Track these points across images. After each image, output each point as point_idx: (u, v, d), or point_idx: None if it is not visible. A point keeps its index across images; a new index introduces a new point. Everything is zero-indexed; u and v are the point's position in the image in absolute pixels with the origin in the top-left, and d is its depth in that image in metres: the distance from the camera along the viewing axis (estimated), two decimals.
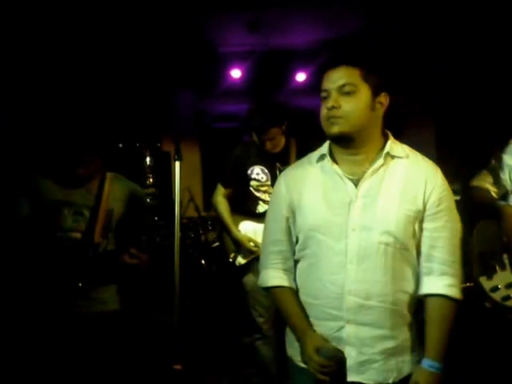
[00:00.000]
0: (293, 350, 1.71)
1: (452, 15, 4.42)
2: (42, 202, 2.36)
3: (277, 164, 3.06)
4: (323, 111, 1.58)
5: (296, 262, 1.71)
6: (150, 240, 2.32)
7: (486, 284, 2.39)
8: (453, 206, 1.64)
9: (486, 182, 2.54)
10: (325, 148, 1.68)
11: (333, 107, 1.55)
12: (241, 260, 3.17)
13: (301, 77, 5.58)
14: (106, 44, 4.69)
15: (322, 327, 1.61)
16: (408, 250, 1.59)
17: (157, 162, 5.01)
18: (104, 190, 2.43)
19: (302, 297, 1.69)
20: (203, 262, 4.58)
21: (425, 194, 1.58)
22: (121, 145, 4.99)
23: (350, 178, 1.60)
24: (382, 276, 1.57)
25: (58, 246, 2.35)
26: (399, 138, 1.69)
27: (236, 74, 5.55)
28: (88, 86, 4.75)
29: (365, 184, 1.59)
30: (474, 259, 2.43)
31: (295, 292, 1.70)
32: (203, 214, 5.07)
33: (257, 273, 3.11)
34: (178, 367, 2.18)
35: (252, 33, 4.88)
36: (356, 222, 1.57)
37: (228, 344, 3.90)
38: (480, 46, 4.69)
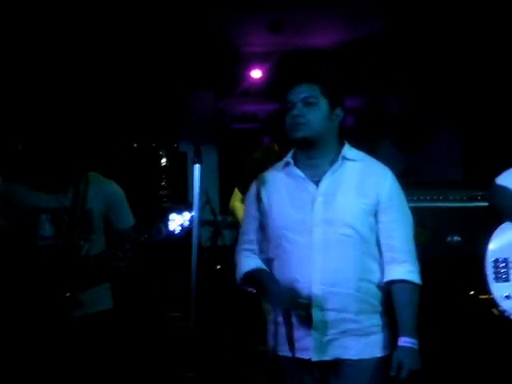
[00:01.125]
0: (274, 341, 1.88)
1: (481, 22, 4.34)
2: (16, 211, 2.27)
3: None
4: (288, 119, 1.85)
5: (270, 260, 1.90)
6: (135, 243, 2.26)
7: (498, 292, 2.42)
8: (403, 201, 1.90)
9: (510, 182, 2.52)
10: (289, 156, 1.93)
11: (297, 115, 1.82)
12: None
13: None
14: (126, 44, 4.67)
15: (294, 317, 1.81)
16: (367, 241, 1.82)
17: (173, 163, 4.95)
18: (79, 191, 2.34)
19: None
20: (219, 266, 4.52)
21: (377, 189, 1.83)
22: (135, 144, 4.94)
23: (311, 180, 1.84)
24: (345, 265, 1.78)
25: (40, 255, 2.26)
26: (425, 146, 1.69)
27: (256, 74, 5.49)
28: (102, 85, 4.73)
29: (324, 183, 1.83)
30: (488, 265, 2.46)
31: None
32: (219, 217, 5.01)
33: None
34: (191, 375, 2.14)
35: (273, 33, 4.82)
36: (319, 217, 1.80)
37: (242, 352, 3.86)
38: (508, 54, 4.57)
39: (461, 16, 4.33)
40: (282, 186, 1.90)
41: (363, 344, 1.80)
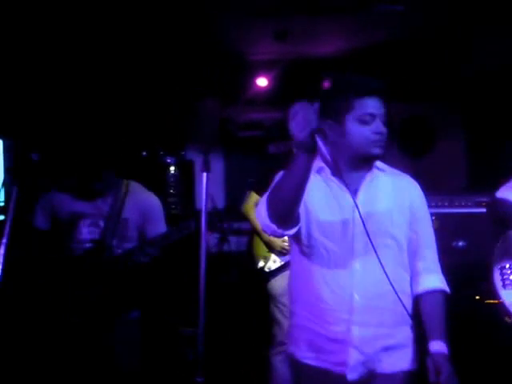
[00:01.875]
0: (296, 347, 1.83)
1: (487, 27, 4.32)
2: (58, 215, 2.41)
3: None
4: (367, 133, 1.74)
5: (299, 258, 1.82)
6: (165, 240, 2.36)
7: (508, 298, 2.42)
8: (428, 212, 1.90)
9: (510, 194, 2.51)
10: (319, 162, 1.83)
11: (382, 133, 1.75)
12: (271, 265, 3.22)
13: (327, 85, 5.50)
14: (135, 55, 4.71)
15: (331, 331, 1.74)
16: (403, 251, 1.80)
17: (180, 170, 4.99)
18: (118, 200, 2.42)
19: (306, 297, 1.80)
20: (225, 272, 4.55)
21: (410, 200, 1.82)
22: (144, 153, 4.99)
23: (348, 188, 1.77)
24: (385, 277, 1.70)
25: (73, 256, 2.37)
26: (430, 151, 1.76)
27: (262, 82, 5.50)
28: (112, 95, 4.78)
29: (363, 192, 1.78)
30: (495, 272, 2.47)
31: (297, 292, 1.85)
32: (226, 223, 5.02)
33: (286, 276, 3.17)
34: (199, 380, 2.12)
35: (279, 42, 4.83)
36: (359, 226, 1.72)
37: (250, 357, 3.89)
38: None
39: (465, 21, 4.31)
40: (320, 191, 1.82)
41: (396, 357, 1.78)
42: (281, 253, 3.19)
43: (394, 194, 1.81)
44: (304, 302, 1.81)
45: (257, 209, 1.74)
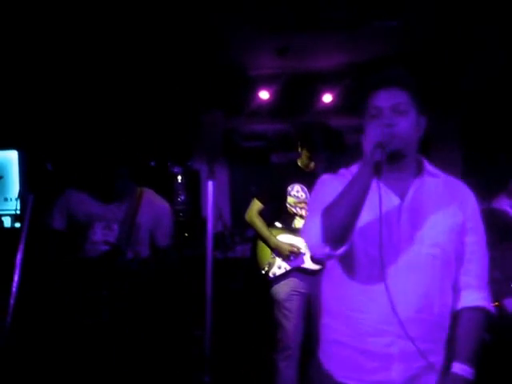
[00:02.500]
0: (331, 364, 1.68)
1: (481, 35, 4.44)
2: (74, 216, 2.46)
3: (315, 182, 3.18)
4: (375, 128, 1.55)
5: (335, 268, 1.66)
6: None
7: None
8: (482, 223, 1.71)
9: (505, 205, 2.64)
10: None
11: (389, 124, 1.55)
12: (276, 270, 3.19)
13: (327, 98, 5.68)
14: (140, 67, 4.85)
15: (370, 344, 1.58)
16: (450, 263, 1.63)
17: (187, 179, 5.12)
18: (133, 206, 2.52)
19: (344, 309, 1.65)
20: (230, 279, 4.64)
21: (463, 208, 1.65)
22: (153, 163, 5.12)
23: (394, 193, 1.63)
24: (431, 288, 1.58)
25: (86, 256, 2.42)
26: (426, 156, 1.77)
27: (264, 95, 5.65)
28: (123, 109, 4.90)
29: (410, 197, 1.62)
30: (496, 282, 2.44)
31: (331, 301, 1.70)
32: (231, 231, 5.16)
33: (293, 281, 3.15)
34: (207, 380, 2.21)
35: (280, 57, 4.97)
36: (406, 234, 1.59)
37: (256, 360, 3.92)
38: (509, 66, 4.70)
39: (461, 34, 4.44)
40: None
41: (435, 378, 1.60)
42: (288, 258, 3.16)
43: (444, 202, 1.65)
44: (340, 315, 1.65)
45: (304, 232, 1.59)
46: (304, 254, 3.16)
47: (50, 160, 2.59)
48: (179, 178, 4.80)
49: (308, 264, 3.15)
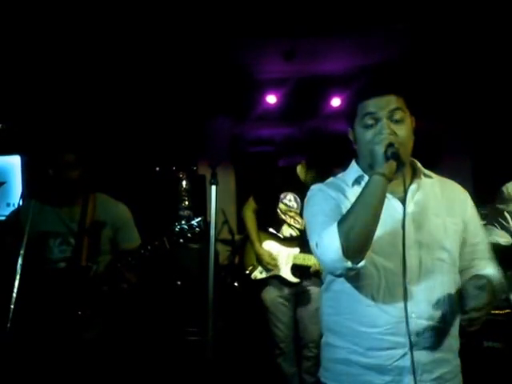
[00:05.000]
0: (331, 374, 1.64)
1: (492, 42, 4.41)
2: (29, 234, 2.25)
3: None
4: (369, 138, 1.54)
5: (340, 284, 1.59)
6: (139, 257, 2.26)
7: None
8: (479, 220, 1.70)
9: (493, 236, 2.50)
10: (358, 171, 1.66)
11: (389, 134, 1.51)
12: (257, 274, 3.28)
13: (336, 102, 5.62)
14: (146, 72, 4.85)
15: (380, 358, 1.53)
16: (456, 265, 1.59)
17: (192, 185, 5.10)
18: (87, 215, 2.38)
19: (351, 324, 1.58)
20: (236, 284, 4.62)
21: (462, 209, 1.62)
22: (158, 168, 5.11)
23: (394, 197, 1.58)
24: (441, 295, 1.53)
25: (48, 278, 2.28)
26: (436, 165, 1.71)
27: (271, 99, 5.63)
28: (128, 116, 4.88)
29: (411, 202, 1.58)
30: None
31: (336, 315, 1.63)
32: (237, 236, 5.12)
33: (275, 287, 3.23)
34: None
35: (287, 61, 4.95)
36: (411, 239, 1.54)
37: (257, 362, 3.92)
38: None
39: (473, 39, 4.40)
40: None
41: None
42: (266, 268, 3.25)
43: (444, 203, 1.62)
44: (348, 333, 1.58)
45: (321, 249, 1.49)
46: (284, 265, 3.24)
47: (53, 166, 2.46)
48: (184, 182, 4.77)
49: (287, 275, 3.23)
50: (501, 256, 2.38)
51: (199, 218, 2.31)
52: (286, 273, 3.23)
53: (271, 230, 3.32)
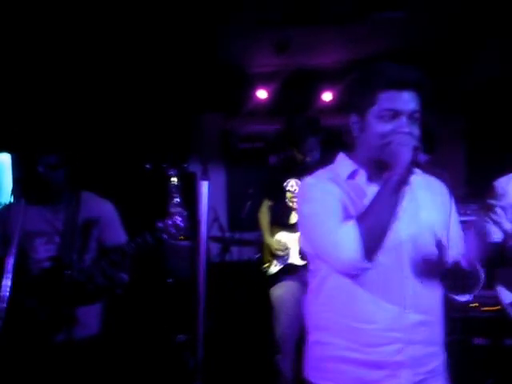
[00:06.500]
0: (320, 373, 1.61)
1: (485, 34, 4.38)
2: (12, 235, 2.25)
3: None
4: (385, 131, 1.50)
5: (333, 281, 1.57)
6: (123, 254, 2.25)
7: None
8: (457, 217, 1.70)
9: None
10: (352, 164, 1.63)
11: (410, 133, 1.49)
12: (272, 269, 3.34)
13: (327, 96, 5.56)
14: (136, 69, 4.78)
15: (377, 354, 1.52)
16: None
17: (183, 182, 5.04)
18: (71, 213, 2.37)
19: (347, 321, 1.55)
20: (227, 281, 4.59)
21: (444, 203, 1.61)
22: (148, 165, 5.03)
23: None
24: (434, 288, 1.56)
25: (33, 278, 2.27)
26: (429, 159, 1.67)
27: (262, 94, 5.55)
28: (117, 112, 4.83)
29: (404, 198, 1.53)
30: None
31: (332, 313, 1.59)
32: (227, 233, 5.06)
33: (284, 285, 3.27)
34: None
35: (278, 54, 4.88)
36: (405, 234, 1.54)
37: (252, 362, 3.94)
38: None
39: (466, 31, 4.39)
40: (360, 199, 1.57)
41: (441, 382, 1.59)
42: (278, 257, 3.32)
43: (431, 197, 1.64)
44: (342, 330, 1.56)
45: (334, 248, 1.47)
46: (293, 251, 3.29)
47: (43, 164, 2.42)
48: (175, 180, 4.71)
49: (296, 260, 3.28)
50: (492, 252, 2.39)
51: (184, 213, 2.26)
52: (295, 257, 3.28)
53: (283, 221, 3.38)
